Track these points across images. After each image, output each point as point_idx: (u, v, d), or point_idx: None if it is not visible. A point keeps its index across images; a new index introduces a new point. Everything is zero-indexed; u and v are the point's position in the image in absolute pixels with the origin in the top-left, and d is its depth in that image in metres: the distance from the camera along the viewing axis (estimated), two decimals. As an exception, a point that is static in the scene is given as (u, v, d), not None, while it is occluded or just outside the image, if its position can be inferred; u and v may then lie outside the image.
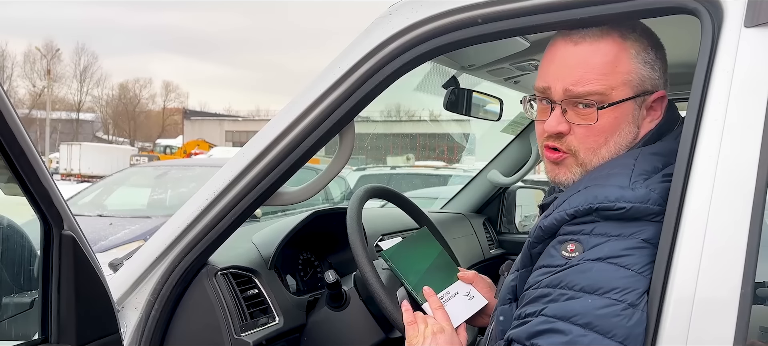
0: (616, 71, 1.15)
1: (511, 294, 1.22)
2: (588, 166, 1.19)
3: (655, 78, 1.19)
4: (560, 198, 1.16)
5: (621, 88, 1.16)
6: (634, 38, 1.18)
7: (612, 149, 1.18)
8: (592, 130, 1.16)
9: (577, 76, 1.15)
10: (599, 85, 1.15)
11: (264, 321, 1.63)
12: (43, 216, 1.12)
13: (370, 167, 14.47)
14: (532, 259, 1.17)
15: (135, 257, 1.49)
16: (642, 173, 1.11)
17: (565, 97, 1.17)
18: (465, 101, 2.22)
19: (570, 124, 1.18)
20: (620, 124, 1.17)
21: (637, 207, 1.06)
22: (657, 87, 1.20)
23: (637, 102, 1.18)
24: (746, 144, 0.99)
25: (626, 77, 1.16)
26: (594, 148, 1.18)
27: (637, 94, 1.18)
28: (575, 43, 1.17)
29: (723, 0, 1.05)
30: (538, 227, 1.16)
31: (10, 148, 1.02)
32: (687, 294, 0.99)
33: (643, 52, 1.18)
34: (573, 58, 1.17)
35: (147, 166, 9.91)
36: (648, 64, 1.18)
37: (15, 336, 1.18)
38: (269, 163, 1.40)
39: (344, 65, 1.33)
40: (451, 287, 1.52)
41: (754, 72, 1.01)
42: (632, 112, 1.18)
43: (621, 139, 1.18)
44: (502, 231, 3.23)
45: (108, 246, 5.50)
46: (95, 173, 31.40)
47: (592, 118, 1.16)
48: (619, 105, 1.16)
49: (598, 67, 1.15)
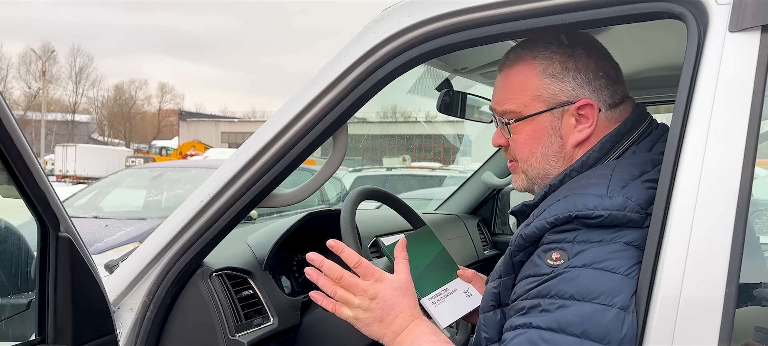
0: (526, 89, 1.28)
1: (494, 301, 1.23)
2: (530, 175, 1.32)
3: (568, 89, 1.26)
4: (541, 207, 1.19)
5: (532, 103, 1.28)
6: (544, 56, 1.28)
7: (539, 159, 1.29)
8: (517, 143, 1.31)
9: (499, 98, 1.33)
10: (512, 104, 1.30)
11: (258, 322, 1.64)
12: (40, 218, 1.13)
13: (366, 168, 14.47)
14: (514, 267, 1.19)
15: (130, 259, 1.50)
16: (619, 181, 1.14)
17: (496, 115, 1.34)
18: (458, 103, 2.23)
19: (506, 138, 1.34)
20: (539, 135, 1.28)
21: (615, 215, 1.08)
22: (577, 97, 1.25)
23: (555, 114, 1.27)
24: (731, 146, 1.01)
25: (535, 93, 1.27)
26: (525, 159, 1.31)
27: (552, 106, 1.26)
28: (501, 69, 1.34)
29: (708, 5, 1.06)
30: (519, 235, 1.17)
31: (7, 151, 1.03)
32: (673, 294, 1.01)
33: (550, 67, 1.27)
34: (498, 82, 1.34)
35: (142, 168, 9.91)
36: (556, 78, 1.26)
37: (12, 337, 1.19)
38: (264, 165, 1.42)
39: (337, 69, 1.35)
40: (450, 284, 1.55)
41: (738, 76, 1.02)
42: (551, 123, 1.27)
43: (546, 150, 1.28)
44: (496, 232, 3.25)
45: (104, 248, 5.50)
46: (91, 174, 31.34)
47: (512, 132, 1.31)
48: (533, 119, 1.28)
49: (511, 88, 1.30)
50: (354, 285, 1.26)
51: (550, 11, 1.18)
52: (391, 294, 1.26)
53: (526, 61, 1.28)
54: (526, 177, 1.32)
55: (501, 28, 1.23)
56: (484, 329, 1.23)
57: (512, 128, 1.30)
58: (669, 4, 1.09)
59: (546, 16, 1.19)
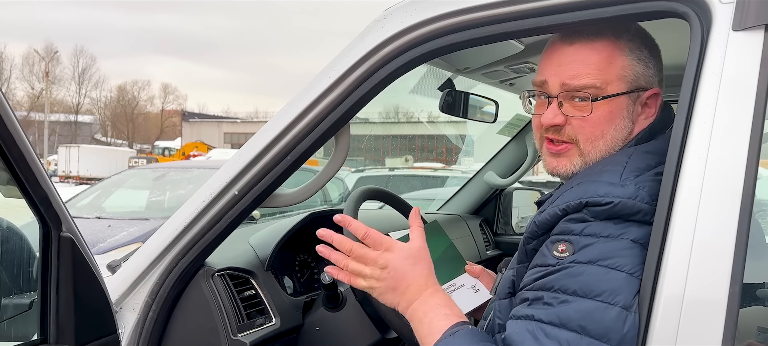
0: (611, 67, 1.22)
1: (511, 288, 1.23)
2: (587, 158, 1.24)
3: (649, 75, 1.25)
4: (555, 195, 1.19)
5: (615, 82, 1.22)
6: (628, 37, 1.24)
7: (608, 142, 1.23)
8: (588, 122, 1.22)
9: (574, 71, 1.22)
10: (594, 79, 1.21)
11: (261, 322, 1.64)
12: (42, 218, 1.13)
13: (368, 169, 14.48)
14: (528, 254, 1.19)
15: (133, 259, 1.50)
16: (634, 170, 1.14)
17: (562, 91, 1.23)
18: (461, 103, 2.23)
19: (566, 117, 1.24)
20: (615, 117, 1.22)
21: (626, 202, 1.08)
22: (651, 84, 1.25)
23: (632, 97, 1.23)
24: (734, 146, 1.01)
25: (621, 73, 1.22)
26: (591, 140, 1.23)
27: (632, 89, 1.23)
28: (571, 42, 1.24)
29: (712, 4, 1.06)
30: (532, 222, 1.18)
31: (9, 151, 1.03)
32: (676, 294, 1.00)
33: (637, 49, 1.23)
34: (569, 55, 1.23)
35: (145, 169, 9.92)
36: (642, 61, 1.24)
37: (14, 337, 1.20)
38: (266, 165, 1.41)
39: (339, 69, 1.35)
40: (458, 279, 1.56)
41: (741, 75, 1.02)
42: (627, 106, 1.23)
43: (616, 133, 1.23)
44: (499, 232, 3.25)
45: (107, 248, 5.51)
46: (94, 175, 31.40)
47: (587, 110, 1.22)
48: (614, 99, 1.22)
49: (594, 63, 1.22)
50: (364, 256, 1.25)
51: (553, 10, 1.18)
52: (402, 263, 1.24)
53: (609, 38, 1.22)
54: (583, 160, 1.24)
55: (502, 27, 1.23)
56: (499, 315, 1.23)
57: (595, 105, 1.21)
58: (672, 3, 1.09)
59: (548, 15, 1.19)
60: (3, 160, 1.04)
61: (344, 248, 1.26)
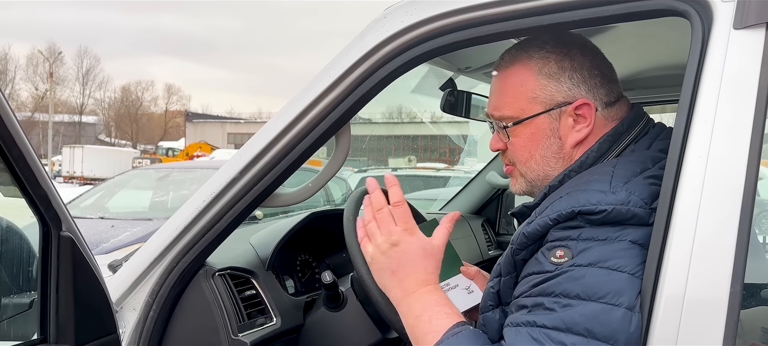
0: (521, 92, 1.26)
1: (493, 301, 1.21)
2: (528, 178, 1.30)
3: (565, 89, 1.25)
4: (542, 205, 1.18)
5: (528, 106, 1.26)
6: (540, 56, 1.26)
7: (539, 162, 1.27)
8: (515, 146, 1.29)
9: (495, 103, 1.31)
10: (508, 109, 1.28)
11: (261, 322, 1.64)
12: (42, 217, 1.13)
13: (371, 169, 14.48)
14: (516, 266, 1.17)
15: (133, 258, 1.50)
16: (621, 177, 1.13)
17: (494, 120, 1.32)
18: (462, 103, 2.23)
19: (504, 142, 1.31)
20: (538, 138, 1.26)
21: (619, 209, 1.07)
22: (573, 97, 1.24)
23: (552, 115, 1.26)
24: (735, 145, 1.00)
25: (531, 95, 1.26)
26: (524, 161, 1.29)
27: (549, 108, 1.25)
28: (496, 74, 1.32)
29: (713, 2, 1.06)
30: (521, 233, 1.16)
31: (9, 151, 1.03)
32: (677, 294, 1.00)
33: (545, 67, 1.25)
34: (493, 86, 1.32)
35: (148, 169, 9.94)
36: (553, 78, 1.25)
37: (14, 336, 1.19)
38: (266, 165, 1.41)
39: (339, 68, 1.35)
40: (452, 279, 1.55)
41: (743, 73, 1.02)
42: (549, 125, 1.26)
43: (545, 152, 1.27)
44: (501, 232, 3.25)
45: (110, 248, 5.51)
46: (97, 175, 31.49)
47: (507, 137, 1.29)
48: (531, 121, 1.26)
49: (507, 91, 1.28)
50: (385, 223, 1.24)
51: (553, 9, 1.17)
52: (414, 249, 1.22)
53: (521, 62, 1.27)
54: (525, 180, 1.30)
55: (503, 26, 1.22)
56: (483, 328, 1.21)
57: (510, 132, 1.28)
58: (673, 1, 1.09)
59: (549, 13, 1.18)
60: (2, 159, 1.04)
61: (376, 204, 1.27)
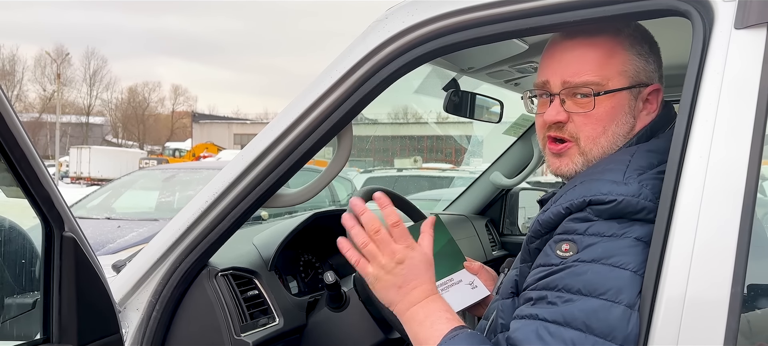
0: (611, 62, 1.22)
1: (514, 288, 1.23)
2: (589, 156, 1.23)
3: (649, 70, 1.25)
4: (558, 193, 1.19)
5: (616, 78, 1.22)
6: (628, 33, 1.24)
7: (610, 139, 1.23)
8: (590, 118, 1.22)
9: (575, 69, 1.22)
10: (595, 75, 1.21)
11: (264, 322, 1.64)
12: (45, 218, 1.13)
13: (377, 169, 14.49)
14: (531, 254, 1.19)
15: (136, 259, 1.51)
16: (636, 168, 1.14)
17: (564, 88, 1.23)
18: (465, 103, 2.23)
19: (569, 114, 1.23)
20: (617, 113, 1.22)
21: (629, 200, 1.07)
22: (652, 80, 1.26)
23: (633, 93, 1.24)
24: (736, 145, 1.00)
25: (621, 68, 1.22)
26: (593, 137, 1.22)
27: (633, 84, 1.23)
28: (571, 39, 1.24)
29: (714, 2, 1.05)
30: (536, 221, 1.18)
31: (11, 151, 1.04)
32: (678, 294, 1.00)
33: (637, 44, 1.24)
34: (569, 52, 1.24)
35: (155, 169, 9.97)
36: (642, 56, 1.24)
37: (17, 336, 1.20)
38: (268, 165, 1.42)
39: (341, 68, 1.35)
40: (456, 275, 1.56)
41: (744, 73, 1.01)
42: (628, 102, 1.23)
43: (618, 129, 1.23)
44: (505, 232, 3.24)
45: (116, 249, 5.53)
46: (105, 176, 31.59)
47: (589, 106, 1.22)
48: (615, 94, 1.22)
49: (594, 59, 1.22)
50: (386, 243, 1.23)
51: (555, 9, 1.18)
52: (418, 265, 1.23)
53: (609, 34, 1.23)
54: (584, 159, 1.23)
55: (505, 26, 1.22)
56: (502, 315, 1.23)
57: (588, 102, 1.21)
58: (674, 1, 1.09)
59: (551, 13, 1.18)
60: (5, 160, 1.05)
61: (372, 227, 1.23)
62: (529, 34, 1.27)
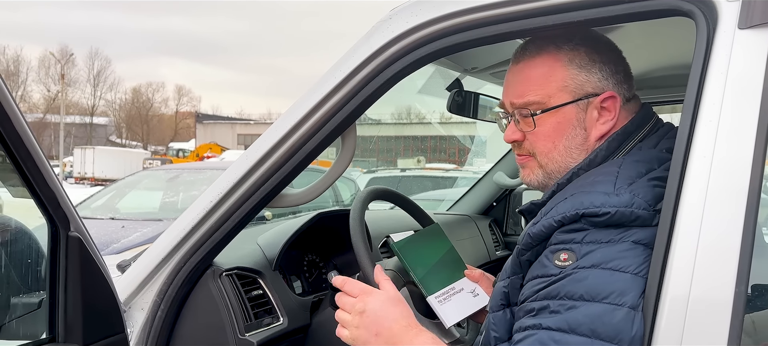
0: (551, 80, 1.25)
1: (504, 300, 1.22)
2: (547, 169, 1.28)
3: (594, 81, 1.25)
4: (548, 205, 1.18)
5: (557, 94, 1.25)
6: (569, 47, 1.26)
7: (562, 152, 1.26)
8: (538, 135, 1.27)
9: (519, 90, 1.29)
10: (535, 95, 1.26)
11: (268, 322, 1.65)
12: (50, 218, 1.14)
13: (380, 170, 14.49)
14: (522, 266, 1.18)
15: (141, 259, 1.51)
16: (626, 178, 1.14)
17: (513, 109, 1.30)
18: (469, 104, 2.23)
19: (523, 132, 1.30)
20: (564, 127, 1.26)
21: (623, 212, 1.07)
22: (601, 89, 1.25)
23: (580, 106, 1.26)
24: (740, 145, 1.00)
25: (561, 84, 1.25)
26: (545, 152, 1.28)
27: (577, 98, 1.25)
28: (517, 61, 1.31)
29: (717, 2, 1.05)
30: (526, 234, 1.17)
31: (17, 151, 1.04)
32: (682, 294, 1.00)
33: (577, 58, 1.26)
34: (516, 75, 1.30)
35: (159, 170, 9.98)
36: (583, 68, 1.25)
37: (23, 336, 1.21)
38: (272, 165, 1.42)
39: (345, 69, 1.35)
40: (457, 283, 1.56)
41: (748, 73, 1.01)
42: (576, 115, 1.26)
43: (569, 142, 1.26)
44: (509, 233, 3.24)
45: (120, 249, 5.55)
46: (109, 176, 31.67)
47: (532, 125, 1.27)
48: (558, 110, 1.25)
49: (534, 79, 1.27)
50: (347, 304, 1.30)
51: (559, 9, 1.18)
52: (381, 306, 1.27)
53: (549, 52, 1.26)
54: (543, 172, 1.29)
55: (509, 26, 1.22)
56: (494, 328, 1.22)
57: (537, 120, 1.26)
58: (678, 1, 1.08)
59: (555, 14, 1.18)
60: (11, 160, 1.05)
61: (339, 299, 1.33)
62: (535, 34, 1.27)
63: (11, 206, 1.21)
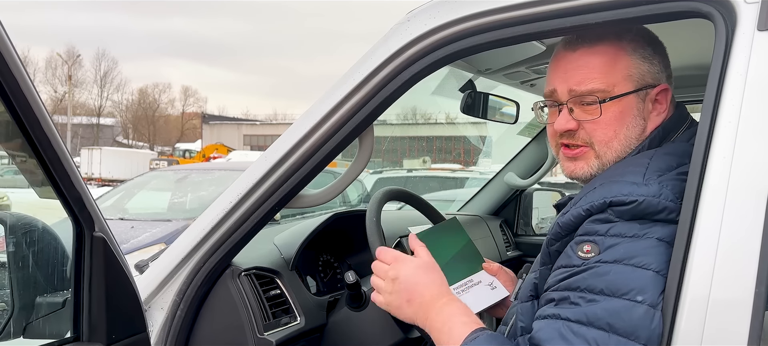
0: (616, 68, 1.25)
1: (533, 291, 1.24)
2: (604, 160, 1.26)
3: (654, 72, 1.27)
4: (577, 196, 1.20)
5: (622, 83, 1.25)
6: (630, 37, 1.26)
7: (622, 142, 1.25)
8: (600, 124, 1.25)
9: (580, 77, 1.25)
10: (600, 82, 1.24)
11: (286, 321, 1.66)
12: (76, 218, 1.16)
13: (386, 170, 14.49)
14: (551, 256, 1.20)
15: (161, 259, 1.53)
16: (656, 170, 1.15)
17: (571, 97, 1.26)
18: (481, 104, 2.24)
19: (578, 122, 1.26)
20: (626, 117, 1.25)
21: (650, 201, 1.08)
22: (659, 81, 1.27)
23: (640, 95, 1.26)
24: (760, 146, 1.00)
25: (626, 73, 1.25)
26: (605, 141, 1.25)
27: (639, 87, 1.25)
28: (574, 49, 1.27)
29: (736, 4, 1.06)
30: (555, 224, 1.19)
31: (45, 153, 1.06)
32: (702, 294, 1.00)
33: (640, 48, 1.26)
34: (574, 61, 1.27)
35: (167, 170, 10.02)
36: (646, 59, 1.26)
37: (48, 335, 1.22)
38: (291, 166, 1.44)
39: (363, 71, 1.36)
40: (475, 276, 1.57)
41: (767, 75, 1.02)
42: (636, 105, 1.25)
43: (629, 132, 1.25)
44: (519, 233, 3.24)
45: (130, 249, 5.58)
46: (116, 176, 31.77)
47: (596, 113, 1.24)
48: (622, 99, 1.24)
49: (598, 66, 1.25)
50: (381, 270, 1.33)
51: (578, 11, 1.18)
52: (414, 272, 1.29)
53: (611, 41, 1.25)
54: (600, 162, 1.26)
55: (527, 28, 1.23)
56: (521, 318, 1.24)
57: (603, 107, 1.23)
58: (697, 3, 1.09)
59: (573, 16, 1.19)
60: (39, 161, 1.07)
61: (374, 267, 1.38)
62: (551, 36, 1.28)
63: (37, 206, 1.23)
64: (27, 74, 0.99)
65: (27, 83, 0.99)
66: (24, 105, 1.00)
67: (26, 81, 0.99)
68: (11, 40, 0.96)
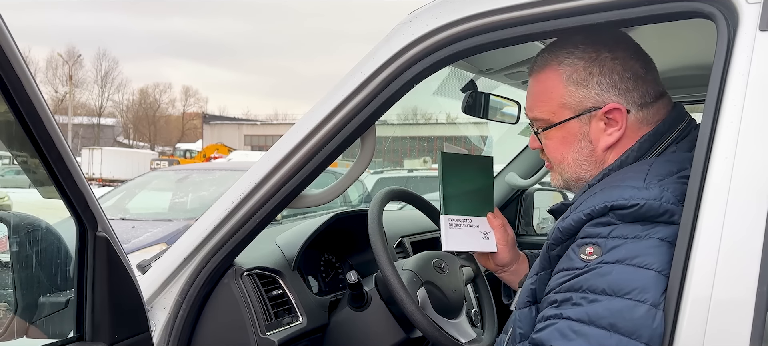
0: (551, 97, 1.30)
1: (531, 297, 1.23)
2: (565, 176, 1.34)
3: (593, 96, 1.26)
4: (578, 201, 1.20)
5: (559, 111, 1.30)
6: (569, 63, 1.28)
7: (572, 163, 1.31)
8: (549, 148, 1.34)
9: (529, 104, 1.36)
10: (540, 111, 1.33)
11: (288, 321, 1.66)
12: (79, 218, 1.16)
13: (387, 170, 14.49)
14: (551, 261, 1.20)
15: (164, 258, 1.53)
16: (657, 175, 1.15)
17: (530, 120, 1.37)
18: (483, 104, 2.24)
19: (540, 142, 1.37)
20: (570, 141, 1.30)
21: (651, 204, 1.09)
22: (602, 102, 1.26)
23: (582, 120, 1.28)
24: (762, 145, 1.01)
25: (560, 101, 1.29)
26: (557, 162, 1.34)
27: (578, 113, 1.28)
28: (530, 75, 1.36)
29: (738, 4, 1.06)
30: (556, 229, 1.19)
31: (48, 152, 1.06)
32: (704, 294, 1.00)
33: (573, 75, 1.27)
34: (529, 87, 1.37)
35: (168, 170, 10.02)
36: (581, 85, 1.27)
37: (51, 335, 1.23)
38: (293, 166, 1.44)
39: (365, 71, 1.37)
40: (475, 219, 1.56)
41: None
42: (579, 129, 1.29)
43: (577, 155, 1.30)
44: (520, 233, 3.24)
45: (131, 249, 5.58)
46: (116, 176, 31.79)
47: (544, 137, 1.34)
48: (562, 126, 1.29)
49: (538, 95, 1.33)
50: None
51: (579, 11, 1.18)
52: None
53: (551, 68, 1.30)
54: (562, 179, 1.35)
55: (529, 28, 1.23)
56: (519, 325, 1.24)
57: (542, 135, 1.32)
58: (699, 3, 1.09)
59: (574, 16, 1.19)
60: (42, 161, 1.07)
61: None
62: (555, 36, 1.28)
63: (40, 206, 1.23)
64: (30, 74, 0.99)
65: (30, 83, 0.99)
66: (27, 105, 1.00)
67: (29, 80, 0.99)
68: (14, 40, 0.96)
